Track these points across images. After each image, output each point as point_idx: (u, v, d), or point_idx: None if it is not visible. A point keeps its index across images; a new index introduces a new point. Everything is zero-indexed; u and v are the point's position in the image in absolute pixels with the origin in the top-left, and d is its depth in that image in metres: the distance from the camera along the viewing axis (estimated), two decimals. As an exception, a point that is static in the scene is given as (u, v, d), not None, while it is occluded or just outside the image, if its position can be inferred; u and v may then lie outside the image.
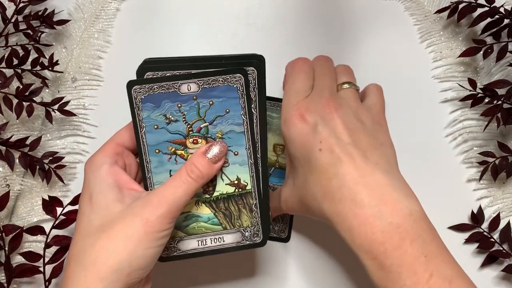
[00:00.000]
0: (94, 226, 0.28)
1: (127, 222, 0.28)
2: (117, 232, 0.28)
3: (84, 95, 0.48)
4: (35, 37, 0.46)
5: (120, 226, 0.28)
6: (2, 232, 0.42)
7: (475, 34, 0.48)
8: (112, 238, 0.27)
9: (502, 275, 0.44)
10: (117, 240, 0.27)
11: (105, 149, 0.33)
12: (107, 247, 0.27)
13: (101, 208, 0.29)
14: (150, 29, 0.49)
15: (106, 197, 0.29)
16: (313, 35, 0.49)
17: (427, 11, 0.49)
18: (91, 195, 0.29)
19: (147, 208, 0.28)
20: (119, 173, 0.31)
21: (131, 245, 0.27)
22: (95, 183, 0.30)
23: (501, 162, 0.44)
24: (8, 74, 0.45)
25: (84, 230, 0.29)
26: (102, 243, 0.27)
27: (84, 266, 0.27)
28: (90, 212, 0.29)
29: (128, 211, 0.28)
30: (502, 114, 0.43)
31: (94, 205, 0.29)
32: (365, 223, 0.29)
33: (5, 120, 0.45)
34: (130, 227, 0.28)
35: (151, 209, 0.28)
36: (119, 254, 0.27)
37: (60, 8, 0.48)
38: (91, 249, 0.27)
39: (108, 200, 0.29)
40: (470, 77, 0.47)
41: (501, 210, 0.45)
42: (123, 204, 0.29)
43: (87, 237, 0.28)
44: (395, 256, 0.28)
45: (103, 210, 0.29)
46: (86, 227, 0.29)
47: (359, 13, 0.49)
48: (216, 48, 0.49)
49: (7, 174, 0.45)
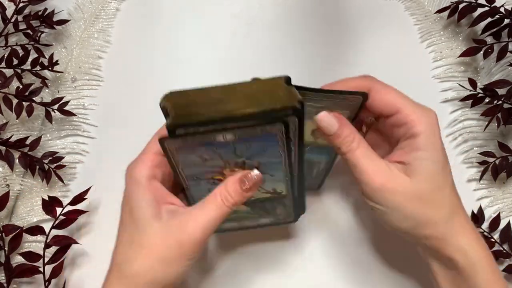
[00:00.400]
0: (135, 240, 0.32)
1: (164, 245, 0.31)
2: (156, 253, 0.31)
3: (84, 95, 0.48)
4: (35, 37, 0.46)
5: (158, 248, 0.31)
6: (2, 232, 0.42)
7: (475, 34, 0.48)
8: (150, 257, 0.31)
9: (503, 275, 0.44)
10: (154, 260, 0.31)
11: (143, 160, 0.34)
12: (145, 264, 0.31)
13: (140, 223, 0.31)
14: (150, 29, 0.49)
15: (145, 214, 0.31)
16: (313, 35, 0.49)
17: (427, 11, 0.49)
18: (132, 210, 0.32)
19: (183, 233, 0.31)
20: (157, 188, 0.33)
21: (166, 265, 0.31)
22: (135, 199, 0.32)
23: (501, 162, 0.44)
24: (8, 74, 0.45)
25: (126, 242, 0.32)
26: (142, 260, 0.31)
27: (125, 276, 0.31)
28: (130, 225, 0.32)
29: (166, 231, 0.31)
30: (503, 114, 0.43)
31: (134, 220, 0.32)
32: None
33: (5, 120, 0.45)
34: (166, 249, 0.31)
35: (186, 235, 0.31)
36: (156, 271, 0.31)
37: (60, 8, 0.48)
38: (133, 263, 0.31)
39: (147, 216, 0.31)
40: (471, 77, 0.47)
41: (502, 210, 0.45)
42: (161, 221, 0.31)
43: (128, 249, 0.32)
44: None
45: (142, 226, 0.31)
46: (128, 239, 0.32)
47: (359, 13, 0.49)
48: (216, 48, 0.49)
49: (7, 174, 0.45)
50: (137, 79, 0.48)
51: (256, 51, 0.49)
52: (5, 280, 0.41)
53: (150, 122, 0.47)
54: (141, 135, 0.47)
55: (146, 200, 0.32)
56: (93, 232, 0.45)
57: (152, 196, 0.32)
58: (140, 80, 0.48)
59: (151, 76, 0.48)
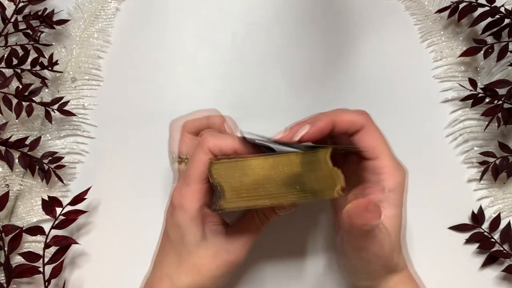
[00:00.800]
0: (184, 259, 0.35)
1: (215, 265, 0.35)
2: (207, 272, 0.35)
3: (84, 95, 0.48)
4: (34, 37, 0.46)
5: (210, 268, 0.35)
6: (2, 232, 0.42)
7: (475, 33, 0.47)
8: (203, 276, 0.35)
9: (503, 275, 0.44)
10: (206, 278, 0.35)
11: (193, 192, 0.35)
12: (199, 281, 0.35)
13: (190, 245, 0.35)
14: (150, 29, 0.49)
15: (195, 238, 0.35)
16: (313, 34, 0.49)
17: (427, 10, 0.49)
18: (183, 235, 0.35)
19: (231, 255, 0.35)
20: (205, 214, 0.35)
21: (216, 280, 0.36)
22: (186, 225, 0.35)
23: (501, 162, 0.44)
24: (8, 74, 0.45)
25: (175, 258, 0.36)
26: (194, 277, 0.35)
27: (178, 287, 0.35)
28: (180, 246, 0.35)
29: (215, 253, 0.35)
30: (503, 114, 0.43)
31: (184, 242, 0.35)
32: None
33: (5, 120, 0.45)
34: (217, 269, 0.35)
35: (233, 256, 0.35)
36: (206, 285, 0.35)
37: (60, 8, 0.48)
38: (187, 277, 0.35)
39: (197, 240, 0.35)
40: (471, 77, 0.47)
41: (502, 210, 0.45)
42: (206, 241, 0.35)
43: (179, 265, 0.35)
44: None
45: (192, 247, 0.35)
46: (177, 257, 0.36)
47: (359, 13, 0.49)
48: (216, 48, 0.48)
49: (6, 174, 0.45)
50: (137, 79, 0.48)
51: (256, 51, 0.48)
52: (5, 280, 0.41)
53: (150, 122, 0.48)
54: (141, 135, 0.47)
55: (196, 226, 0.35)
56: (93, 232, 0.45)
57: (201, 222, 0.35)
58: (140, 80, 0.48)
59: (151, 76, 0.48)
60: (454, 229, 0.45)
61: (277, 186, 0.31)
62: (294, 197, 0.31)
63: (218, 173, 0.32)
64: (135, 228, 0.44)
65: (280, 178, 0.31)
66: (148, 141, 0.47)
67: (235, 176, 0.31)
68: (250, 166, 0.31)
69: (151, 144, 0.46)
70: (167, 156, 0.40)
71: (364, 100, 0.47)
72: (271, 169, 0.31)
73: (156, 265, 0.37)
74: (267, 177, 0.31)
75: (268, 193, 0.31)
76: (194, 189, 0.34)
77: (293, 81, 0.48)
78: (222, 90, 0.48)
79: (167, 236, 0.36)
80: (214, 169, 0.32)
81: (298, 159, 0.31)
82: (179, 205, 0.35)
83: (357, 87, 0.48)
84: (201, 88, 0.48)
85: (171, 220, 0.36)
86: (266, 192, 0.31)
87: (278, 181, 0.31)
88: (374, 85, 0.47)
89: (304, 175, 0.31)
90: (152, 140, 0.47)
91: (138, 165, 0.46)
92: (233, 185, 0.31)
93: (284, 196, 0.31)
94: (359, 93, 0.47)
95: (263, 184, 0.31)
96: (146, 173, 0.46)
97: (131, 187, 0.46)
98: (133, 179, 0.46)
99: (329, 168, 0.30)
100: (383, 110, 0.47)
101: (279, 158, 0.31)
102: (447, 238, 0.45)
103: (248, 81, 0.48)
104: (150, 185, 0.45)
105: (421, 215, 0.45)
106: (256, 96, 0.47)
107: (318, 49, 0.48)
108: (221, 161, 0.32)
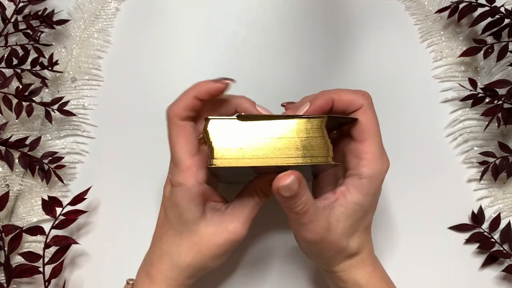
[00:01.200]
0: (185, 237, 0.35)
1: (215, 244, 0.35)
2: (208, 250, 0.35)
3: (84, 95, 0.48)
4: (34, 37, 0.46)
5: (210, 246, 0.35)
6: (2, 232, 0.42)
7: (475, 33, 0.47)
8: (203, 254, 0.35)
9: (503, 275, 0.44)
10: (207, 256, 0.35)
11: (187, 168, 0.34)
12: (199, 259, 0.35)
13: (189, 223, 0.35)
14: (150, 29, 0.49)
15: (194, 216, 0.34)
16: (313, 34, 0.49)
17: (427, 10, 0.49)
18: (181, 212, 0.34)
19: (231, 233, 0.35)
20: (204, 190, 0.35)
21: (216, 258, 0.36)
22: (186, 203, 0.34)
23: (501, 162, 0.44)
24: (8, 74, 0.45)
25: (174, 237, 0.36)
26: (194, 255, 0.35)
27: (178, 266, 0.35)
28: (179, 225, 0.35)
29: (215, 231, 0.35)
30: (503, 114, 0.43)
31: (183, 221, 0.35)
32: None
33: (5, 120, 0.45)
34: (217, 247, 0.35)
35: (233, 234, 0.35)
36: (207, 263, 0.36)
37: (60, 8, 0.48)
38: (187, 256, 0.35)
39: (196, 218, 0.35)
40: (471, 77, 0.47)
41: (502, 210, 0.45)
42: (206, 219, 0.35)
43: (179, 243, 0.35)
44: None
45: (192, 226, 0.35)
46: (177, 235, 0.35)
47: (359, 13, 0.49)
48: (216, 48, 0.48)
49: (6, 174, 0.45)
50: (137, 79, 0.48)
51: (256, 52, 0.48)
52: (5, 280, 0.41)
53: (150, 122, 0.48)
54: (141, 135, 0.47)
55: (195, 205, 0.34)
56: (93, 232, 0.45)
57: (201, 200, 0.34)
58: (140, 80, 0.48)
59: (151, 76, 0.48)
60: (454, 229, 0.45)
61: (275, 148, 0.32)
62: (293, 160, 0.32)
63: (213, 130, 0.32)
64: (135, 228, 0.44)
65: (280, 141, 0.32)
66: (148, 141, 0.47)
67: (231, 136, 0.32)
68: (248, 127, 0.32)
69: (151, 144, 0.46)
70: (167, 155, 0.40)
71: (364, 100, 0.47)
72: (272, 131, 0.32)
73: (155, 243, 0.37)
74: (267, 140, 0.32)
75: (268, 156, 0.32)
76: (186, 166, 0.34)
77: (293, 81, 0.48)
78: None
79: (166, 216, 0.36)
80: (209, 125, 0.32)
81: (296, 124, 0.32)
82: (177, 184, 0.34)
83: (357, 87, 0.47)
84: (201, 88, 0.48)
85: (170, 200, 0.35)
86: (265, 154, 0.32)
87: (276, 144, 0.32)
88: (374, 85, 0.47)
89: (300, 140, 0.32)
90: (152, 140, 0.47)
91: (138, 165, 0.46)
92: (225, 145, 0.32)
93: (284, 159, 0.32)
94: (359, 93, 0.47)
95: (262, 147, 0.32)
96: (146, 173, 0.46)
97: (131, 187, 0.46)
98: (133, 179, 0.46)
99: (324, 136, 0.32)
100: (383, 110, 0.47)
101: (278, 121, 0.32)
102: (447, 238, 0.45)
103: (248, 81, 0.48)
104: (150, 185, 0.45)
105: (421, 215, 0.45)
106: (256, 96, 0.47)
107: (318, 49, 0.48)
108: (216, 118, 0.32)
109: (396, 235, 0.45)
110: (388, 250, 0.40)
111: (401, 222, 0.45)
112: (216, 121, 0.32)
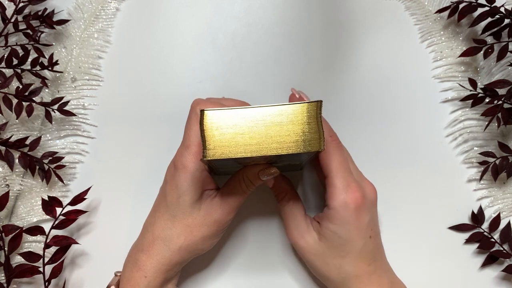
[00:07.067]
0: (178, 219, 0.38)
1: (206, 225, 0.38)
2: (199, 232, 0.38)
3: (84, 95, 0.48)
4: (34, 37, 0.46)
5: (202, 228, 0.38)
6: (2, 232, 0.42)
7: (475, 34, 0.47)
8: (195, 235, 0.38)
9: (503, 275, 0.44)
10: (198, 237, 0.38)
11: (196, 154, 0.37)
12: (191, 240, 0.38)
13: (186, 206, 0.37)
14: (150, 29, 0.49)
15: (192, 199, 0.37)
16: (313, 34, 0.49)
17: (427, 10, 0.49)
18: (180, 195, 0.37)
19: (220, 216, 0.38)
20: (205, 177, 0.38)
21: (207, 240, 0.39)
22: (186, 186, 0.37)
23: (501, 162, 0.44)
24: (8, 74, 0.45)
25: (167, 219, 0.38)
26: (187, 237, 0.38)
27: (171, 249, 0.38)
28: (176, 207, 0.38)
29: (207, 214, 0.38)
30: (503, 114, 0.43)
31: (180, 203, 0.37)
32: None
33: (5, 120, 0.45)
34: (207, 228, 0.38)
35: (223, 216, 0.38)
36: (198, 244, 0.38)
37: (60, 8, 0.48)
38: (179, 238, 0.38)
39: (193, 201, 0.37)
40: (471, 77, 0.47)
41: (502, 210, 0.45)
42: (201, 204, 0.38)
43: (172, 226, 0.38)
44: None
45: (188, 209, 0.37)
46: (170, 218, 0.38)
47: (359, 13, 0.49)
48: (216, 48, 0.49)
49: (6, 174, 0.45)
50: (137, 79, 0.48)
51: (256, 52, 0.48)
52: (5, 280, 0.41)
53: (150, 122, 0.48)
54: (141, 135, 0.47)
55: (195, 188, 0.37)
56: (93, 232, 0.46)
57: (200, 185, 0.37)
58: (140, 80, 0.48)
59: (151, 76, 0.48)
60: (454, 229, 0.45)
61: (268, 136, 0.31)
62: (285, 150, 0.31)
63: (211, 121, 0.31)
64: (135, 228, 0.44)
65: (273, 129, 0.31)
66: (148, 141, 0.47)
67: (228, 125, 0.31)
68: (243, 114, 0.31)
69: (151, 144, 0.47)
70: (167, 155, 0.40)
71: (363, 100, 0.47)
72: (266, 117, 0.31)
73: (146, 229, 0.39)
74: (261, 129, 0.31)
75: (262, 145, 0.31)
76: (194, 151, 0.37)
77: (293, 81, 0.48)
78: (222, 90, 0.48)
79: (164, 198, 0.38)
80: (205, 116, 0.31)
81: (292, 110, 0.31)
82: (182, 166, 0.37)
83: (357, 87, 0.48)
84: (201, 88, 0.48)
85: (172, 182, 0.37)
86: (258, 143, 0.31)
87: (269, 132, 0.31)
88: (374, 85, 0.47)
89: (294, 127, 0.31)
90: (152, 140, 0.47)
91: (138, 165, 0.46)
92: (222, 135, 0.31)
93: (277, 148, 0.31)
94: (359, 93, 0.47)
95: (256, 137, 0.31)
96: (146, 173, 0.46)
97: (131, 187, 0.46)
98: (133, 179, 0.46)
99: (318, 122, 0.31)
100: (383, 110, 0.47)
101: (272, 108, 0.31)
102: (447, 238, 0.45)
103: (248, 81, 0.48)
104: (150, 185, 0.45)
105: (421, 215, 0.45)
106: (256, 96, 0.47)
107: (318, 49, 0.48)
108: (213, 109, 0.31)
109: (396, 235, 0.45)
110: (388, 250, 0.40)
111: (401, 222, 0.45)
112: (211, 112, 0.31)
